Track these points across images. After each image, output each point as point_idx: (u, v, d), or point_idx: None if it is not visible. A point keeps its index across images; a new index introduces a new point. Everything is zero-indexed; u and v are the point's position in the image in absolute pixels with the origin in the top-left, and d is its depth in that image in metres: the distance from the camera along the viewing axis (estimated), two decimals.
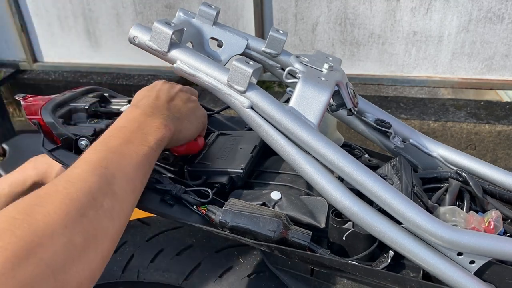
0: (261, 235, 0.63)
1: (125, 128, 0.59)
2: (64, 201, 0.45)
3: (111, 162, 0.53)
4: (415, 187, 0.68)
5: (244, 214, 0.64)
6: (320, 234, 0.68)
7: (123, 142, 0.57)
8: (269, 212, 0.65)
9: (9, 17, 2.61)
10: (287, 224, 0.64)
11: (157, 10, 2.45)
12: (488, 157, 2.11)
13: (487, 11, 2.05)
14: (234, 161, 0.75)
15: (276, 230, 0.63)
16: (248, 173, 0.76)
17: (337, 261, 0.62)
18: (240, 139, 0.82)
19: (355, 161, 0.61)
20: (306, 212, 0.68)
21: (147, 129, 0.60)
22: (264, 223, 0.63)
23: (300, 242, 0.63)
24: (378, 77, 2.31)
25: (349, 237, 0.63)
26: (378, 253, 0.65)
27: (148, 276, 0.78)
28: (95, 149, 0.55)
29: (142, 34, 0.64)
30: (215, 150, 0.79)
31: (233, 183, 0.73)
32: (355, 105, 0.73)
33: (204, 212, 0.66)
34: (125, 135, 0.58)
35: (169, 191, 0.67)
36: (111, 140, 0.57)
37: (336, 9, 2.20)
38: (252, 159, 0.76)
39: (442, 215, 0.64)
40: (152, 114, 0.63)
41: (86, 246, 0.45)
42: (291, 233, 0.64)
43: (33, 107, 0.74)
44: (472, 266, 0.61)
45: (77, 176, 0.49)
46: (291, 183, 0.74)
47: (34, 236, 0.41)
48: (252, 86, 0.62)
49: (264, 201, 0.69)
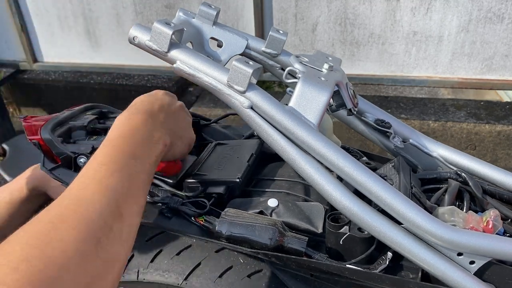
0: (257, 243, 0.64)
1: (129, 140, 0.56)
2: (78, 226, 0.43)
3: (119, 182, 0.50)
4: (413, 188, 0.68)
5: (239, 223, 0.65)
6: (318, 239, 0.68)
7: (128, 157, 0.54)
8: (265, 220, 0.66)
9: (9, 17, 2.61)
10: (282, 231, 0.65)
11: (157, 10, 2.45)
12: (488, 157, 2.11)
13: (487, 11, 2.05)
14: (231, 171, 0.76)
15: (272, 237, 0.64)
16: (246, 181, 0.77)
17: (334, 266, 0.63)
18: (237, 148, 0.83)
19: (355, 161, 0.61)
20: (303, 218, 0.69)
21: (150, 142, 0.58)
22: (260, 231, 0.64)
23: (296, 248, 0.64)
24: (378, 77, 2.30)
25: (346, 241, 0.63)
26: (376, 255, 0.65)
27: (148, 276, 0.78)
28: (101, 163, 0.52)
29: (142, 34, 0.64)
30: (212, 160, 0.80)
31: (230, 193, 0.74)
32: (355, 105, 0.73)
33: (202, 223, 0.68)
34: (130, 149, 0.55)
35: (167, 203, 0.68)
36: (116, 154, 0.53)
37: (336, 9, 2.20)
38: (248, 168, 0.77)
39: (441, 215, 0.64)
40: (154, 125, 0.61)
41: (101, 273, 0.43)
42: (287, 240, 0.64)
43: (34, 128, 0.75)
44: (472, 266, 0.61)
45: (87, 197, 0.47)
46: (289, 190, 0.75)
47: (51, 268, 0.39)
48: (252, 86, 0.62)
49: (261, 209, 0.70)
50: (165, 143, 0.61)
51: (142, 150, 0.56)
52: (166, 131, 0.63)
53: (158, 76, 2.58)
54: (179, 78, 2.55)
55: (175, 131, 0.66)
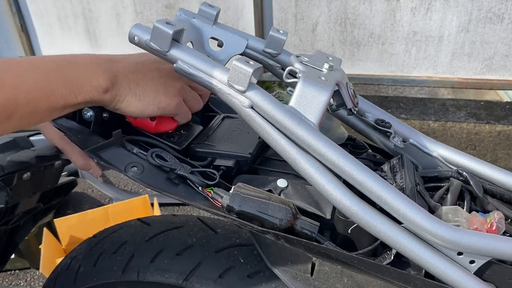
0: (268, 222, 0.62)
1: (62, 69, 0.59)
2: None
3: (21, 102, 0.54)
4: (418, 186, 0.68)
5: (253, 199, 0.62)
6: (323, 225, 0.67)
7: (41, 96, 0.56)
8: (278, 199, 0.64)
9: (9, 17, 2.61)
10: (295, 213, 0.63)
11: (157, 10, 2.45)
12: (488, 157, 2.11)
13: (487, 11, 2.05)
14: (241, 145, 0.74)
15: (284, 218, 0.62)
16: (254, 158, 0.74)
17: (343, 254, 0.62)
18: (247, 124, 0.81)
19: (355, 160, 0.61)
20: (312, 202, 0.67)
21: (82, 81, 0.60)
22: (273, 210, 0.62)
23: (307, 233, 0.63)
24: (378, 77, 2.31)
25: (354, 231, 0.63)
26: (380, 250, 0.65)
27: (148, 276, 0.78)
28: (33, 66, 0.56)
29: (142, 34, 0.64)
30: (220, 132, 0.78)
31: (239, 168, 0.72)
32: (355, 105, 0.73)
33: (210, 195, 0.64)
34: (50, 85, 0.57)
35: (175, 170, 0.65)
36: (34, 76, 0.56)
37: (336, 9, 2.20)
38: (259, 145, 0.75)
39: (445, 215, 0.64)
40: (99, 70, 0.63)
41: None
42: (299, 223, 0.63)
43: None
44: (472, 265, 0.61)
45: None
46: (296, 173, 0.72)
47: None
48: (252, 86, 0.62)
49: (270, 188, 0.67)
50: (105, 89, 0.63)
51: (62, 88, 0.58)
52: (115, 80, 0.64)
53: None
54: None
55: (131, 88, 0.66)
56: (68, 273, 0.86)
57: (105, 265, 0.82)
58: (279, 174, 0.72)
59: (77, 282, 0.84)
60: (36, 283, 1.81)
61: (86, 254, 0.85)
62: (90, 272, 0.82)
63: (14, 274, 1.85)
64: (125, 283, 0.80)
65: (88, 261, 0.84)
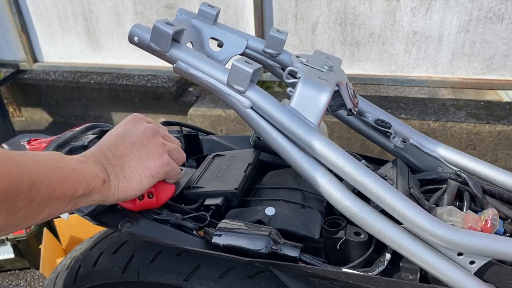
0: (252, 251, 0.65)
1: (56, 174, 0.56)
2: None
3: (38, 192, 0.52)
4: (411, 189, 0.68)
5: (233, 233, 0.66)
6: (317, 245, 0.69)
7: (49, 197, 0.54)
8: (259, 229, 0.67)
9: (9, 17, 2.61)
10: (276, 238, 0.66)
11: (157, 10, 2.45)
12: (488, 157, 2.11)
13: (487, 11, 2.05)
14: (227, 182, 0.77)
15: (267, 245, 0.64)
16: (244, 191, 0.78)
17: (330, 271, 0.63)
18: (234, 159, 0.84)
19: (355, 161, 0.61)
20: (300, 225, 0.69)
21: (77, 180, 0.58)
22: (254, 240, 0.65)
23: (290, 255, 0.65)
24: (378, 77, 2.31)
25: (343, 246, 0.64)
26: (375, 258, 0.65)
27: (148, 276, 0.78)
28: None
29: (142, 34, 0.64)
30: (210, 172, 0.81)
31: (228, 203, 0.75)
32: (355, 105, 0.73)
33: (202, 235, 0.69)
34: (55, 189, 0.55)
35: (168, 220, 0.70)
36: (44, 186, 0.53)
37: (336, 9, 2.20)
38: (246, 178, 0.78)
39: (440, 216, 0.64)
40: (93, 164, 0.61)
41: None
42: (280, 247, 0.65)
43: (37, 151, 0.76)
44: (472, 266, 0.61)
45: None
46: (287, 197, 0.75)
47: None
48: (252, 86, 0.62)
49: (259, 218, 0.70)
50: (103, 180, 0.61)
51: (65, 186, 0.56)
52: (105, 170, 0.62)
53: (158, 76, 2.58)
54: (179, 78, 2.54)
55: (118, 173, 0.64)
56: (68, 273, 0.86)
57: (105, 265, 0.81)
58: (269, 202, 0.75)
59: (77, 282, 0.84)
60: (36, 283, 1.81)
61: (86, 254, 0.85)
62: (90, 272, 0.82)
63: (14, 274, 1.85)
64: (125, 283, 0.80)
65: (88, 261, 0.84)
